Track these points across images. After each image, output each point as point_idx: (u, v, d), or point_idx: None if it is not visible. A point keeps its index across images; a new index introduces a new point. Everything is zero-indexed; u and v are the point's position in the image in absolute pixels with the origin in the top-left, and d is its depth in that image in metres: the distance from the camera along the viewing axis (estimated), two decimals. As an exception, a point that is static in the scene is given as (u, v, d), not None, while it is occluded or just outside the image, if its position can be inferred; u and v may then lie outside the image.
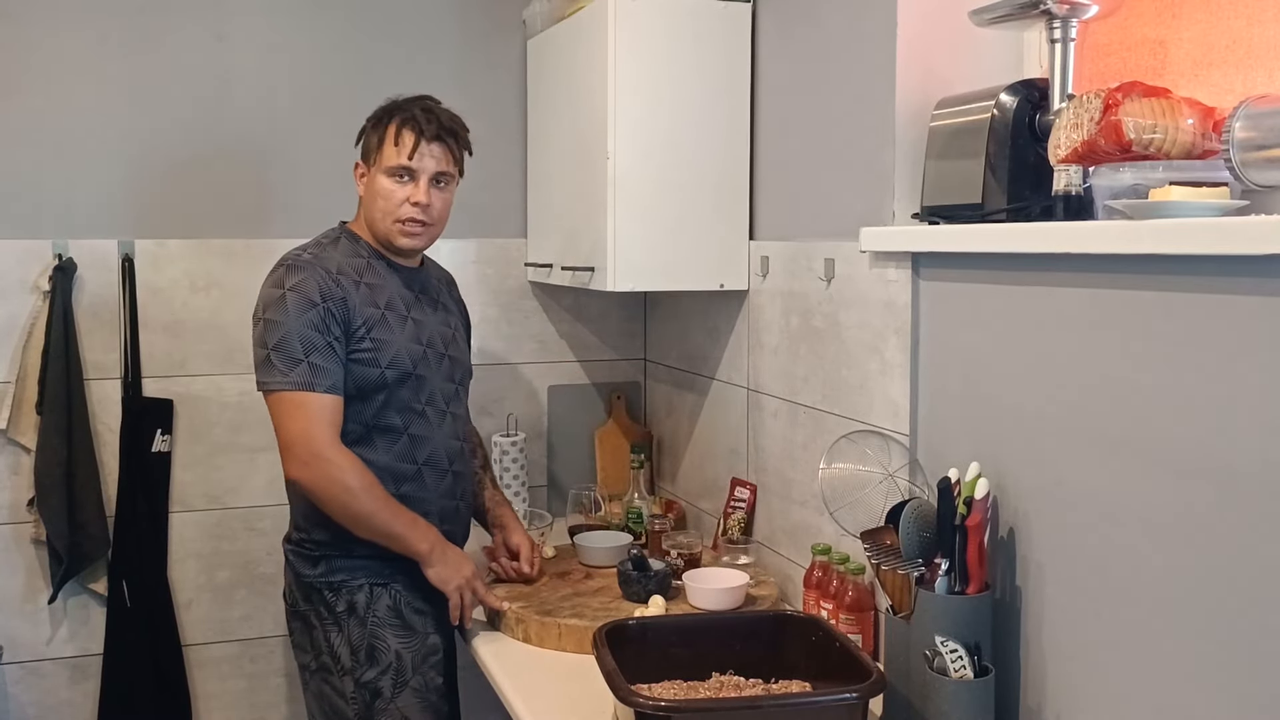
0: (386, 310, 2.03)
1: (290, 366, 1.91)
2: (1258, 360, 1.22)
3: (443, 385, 2.11)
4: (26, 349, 2.53)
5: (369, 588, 2.02)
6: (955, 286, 1.73)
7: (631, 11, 2.29)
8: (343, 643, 2.01)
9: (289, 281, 1.96)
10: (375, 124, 2.08)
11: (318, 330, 1.93)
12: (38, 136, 2.54)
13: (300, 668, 2.10)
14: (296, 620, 2.08)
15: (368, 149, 2.09)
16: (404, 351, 2.03)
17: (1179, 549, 1.33)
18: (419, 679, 2.02)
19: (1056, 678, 1.54)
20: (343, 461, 1.93)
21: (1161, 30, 1.64)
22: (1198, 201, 1.32)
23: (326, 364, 1.93)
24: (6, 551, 2.57)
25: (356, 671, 2.00)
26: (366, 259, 2.07)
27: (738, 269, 2.40)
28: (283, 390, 1.92)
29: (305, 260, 2.00)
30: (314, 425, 1.91)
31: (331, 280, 1.98)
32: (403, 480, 2.04)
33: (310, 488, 1.93)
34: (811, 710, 1.54)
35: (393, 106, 2.09)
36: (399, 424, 2.04)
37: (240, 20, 2.66)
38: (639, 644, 1.73)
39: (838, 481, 1.79)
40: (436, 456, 2.09)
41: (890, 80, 1.87)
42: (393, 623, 2.03)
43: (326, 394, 1.93)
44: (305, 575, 2.04)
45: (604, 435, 2.99)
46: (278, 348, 1.92)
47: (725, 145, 2.37)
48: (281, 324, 1.93)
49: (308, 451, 1.91)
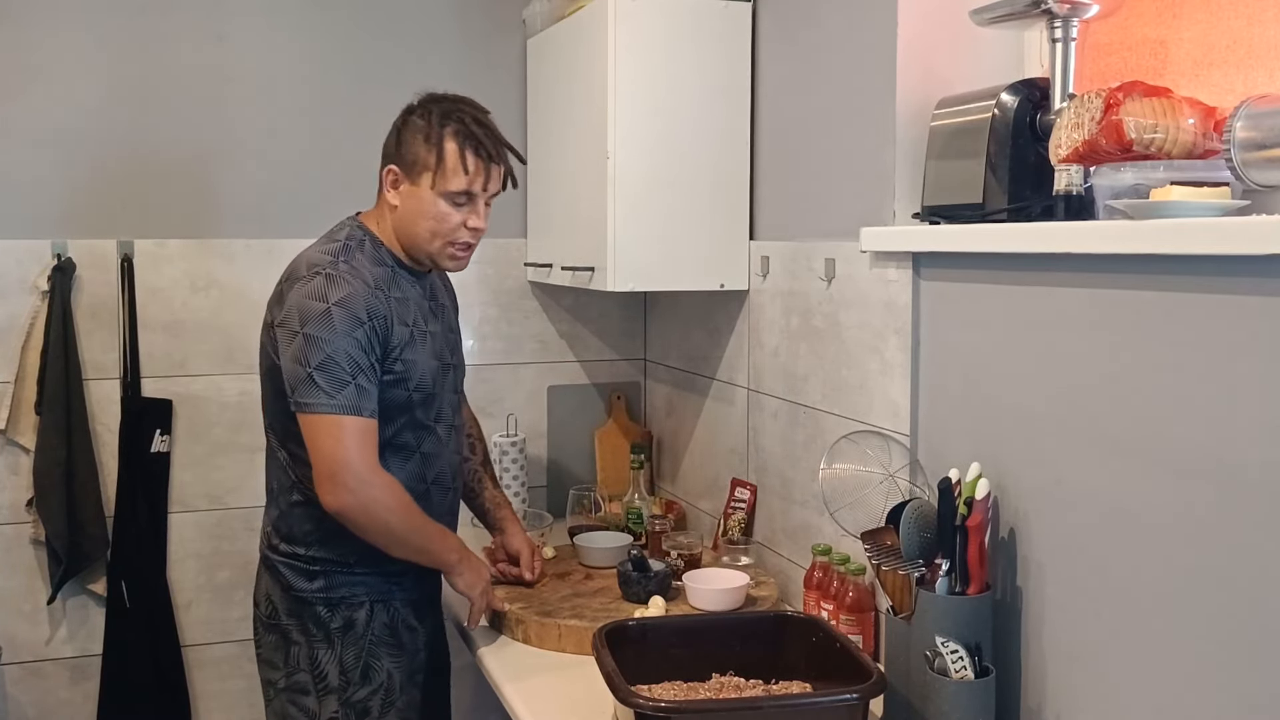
0: (414, 328, 1.94)
1: (337, 389, 1.80)
2: (1258, 360, 1.21)
3: (450, 398, 2.06)
4: (26, 349, 2.53)
5: (369, 605, 1.95)
6: (955, 286, 1.73)
7: (631, 11, 2.29)
8: (332, 661, 1.93)
9: (333, 295, 1.82)
10: (427, 137, 1.90)
11: (364, 350, 1.82)
12: (38, 136, 2.54)
13: (265, 683, 2.01)
14: (272, 633, 1.97)
15: (413, 160, 1.90)
16: (427, 372, 1.95)
17: (1179, 549, 1.32)
18: (404, 699, 1.98)
19: (1057, 678, 1.54)
20: (385, 484, 1.84)
21: (1162, 30, 1.64)
22: (1198, 201, 1.32)
23: (370, 386, 1.83)
24: (6, 552, 2.57)
25: (346, 691, 1.93)
26: (391, 268, 1.95)
27: (738, 269, 2.40)
28: (327, 413, 1.80)
29: (344, 272, 1.86)
30: (357, 451, 1.80)
31: (374, 296, 1.86)
32: (414, 499, 1.94)
33: (354, 516, 1.82)
34: (812, 711, 1.54)
35: (442, 115, 1.91)
36: (412, 443, 1.97)
37: (240, 20, 2.66)
38: (639, 645, 1.73)
39: (838, 482, 1.79)
40: (443, 475, 2.04)
41: (891, 80, 1.87)
42: (388, 641, 1.97)
43: (370, 419, 1.83)
44: (297, 589, 1.94)
45: (604, 435, 2.99)
46: (322, 367, 1.79)
47: (725, 145, 2.37)
48: (328, 341, 1.80)
49: (354, 479, 1.80)
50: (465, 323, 2.85)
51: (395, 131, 1.96)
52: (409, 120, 1.94)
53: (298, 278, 1.88)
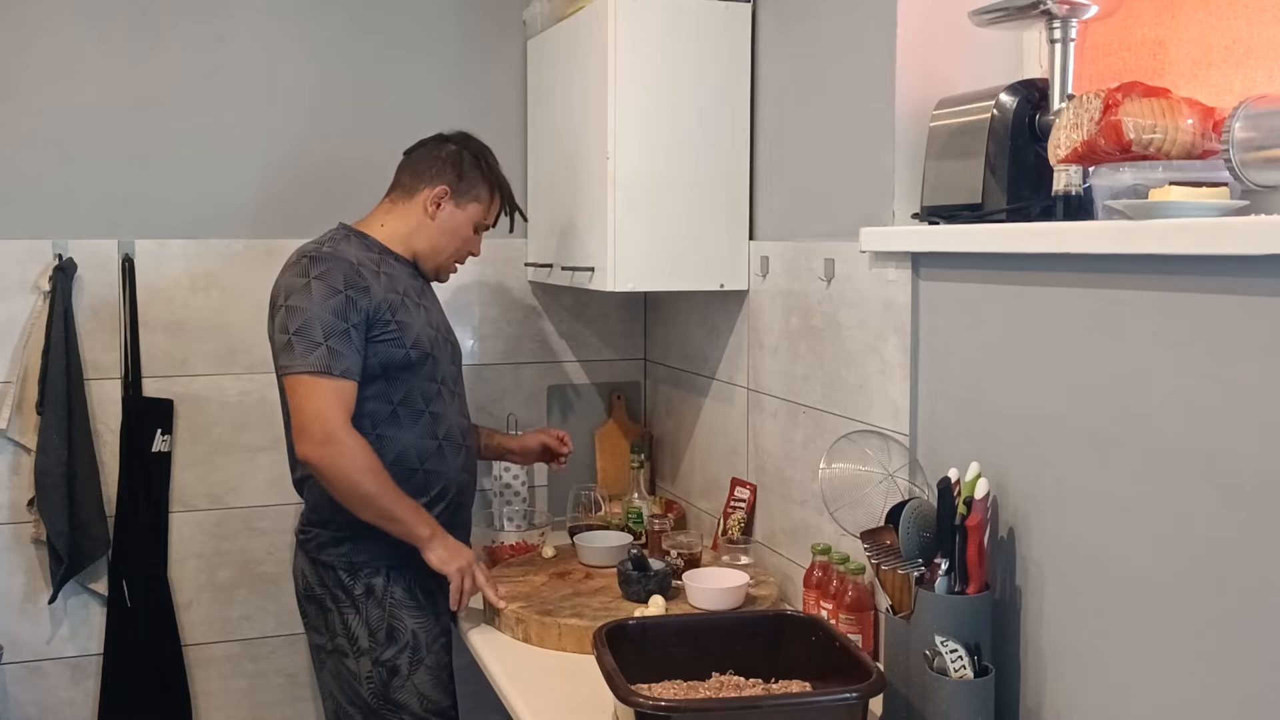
0: (404, 296, 2.13)
1: (309, 351, 1.98)
2: (1258, 360, 1.22)
3: (449, 367, 2.22)
4: (26, 349, 2.53)
5: (386, 571, 2.09)
6: (955, 286, 1.73)
7: (631, 11, 2.29)
8: (360, 624, 2.08)
9: (314, 271, 2.03)
10: (485, 177, 2.24)
11: (338, 316, 2.00)
12: (38, 136, 2.54)
13: (315, 648, 2.18)
14: (311, 604, 2.15)
15: (468, 191, 2.22)
16: (423, 334, 2.13)
17: (1179, 549, 1.33)
18: (432, 657, 2.12)
19: (1056, 678, 1.54)
20: (354, 444, 1.98)
21: (1161, 30, 1.64)
22: (1198, 201, 1.32)
23: (344, 349, 2.00)
24: (6, 551, 2.57)
25: (375, 651, 2.08)
26: (379, 254, 2.16)
27: (738, 269, 2.40)
28: (300, 373, 1.98)
29: (326, 252, 2.08)
30: (328, 408, 1.97)
31: (354, 270, 2.06)
32: (426, 456, 2.13)
33: (322, 467, 1.98)
34: (811, 710, 1.54)
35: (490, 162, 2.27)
36: (420, 402, 2.13)
37: (240, 20, 2.66)
38: (639, 644, 1.73)
39: (838, 481, 1.79)
40: (452, 432, 2.18)
41: (890, 80, 1.87)
42: (409, 604, 2.11)
43: (342, 378, 1.99)
44: (324, 557, 2.10)
45: (604, 435, 2.99)
46: (299, 332, 1.99)
47: (725, 145, 2.37)
48: (304, 309, 2.00)
49: (322, 432, 1.96)
50: (465, 323, 2.88)
51: (452, 159, 2.23)
52: (464, 155, 2.24)
53: (288, 265, 2.10)
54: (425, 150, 2.24)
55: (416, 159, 2.24)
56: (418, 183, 2.21)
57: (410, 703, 2.08)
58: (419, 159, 2.24)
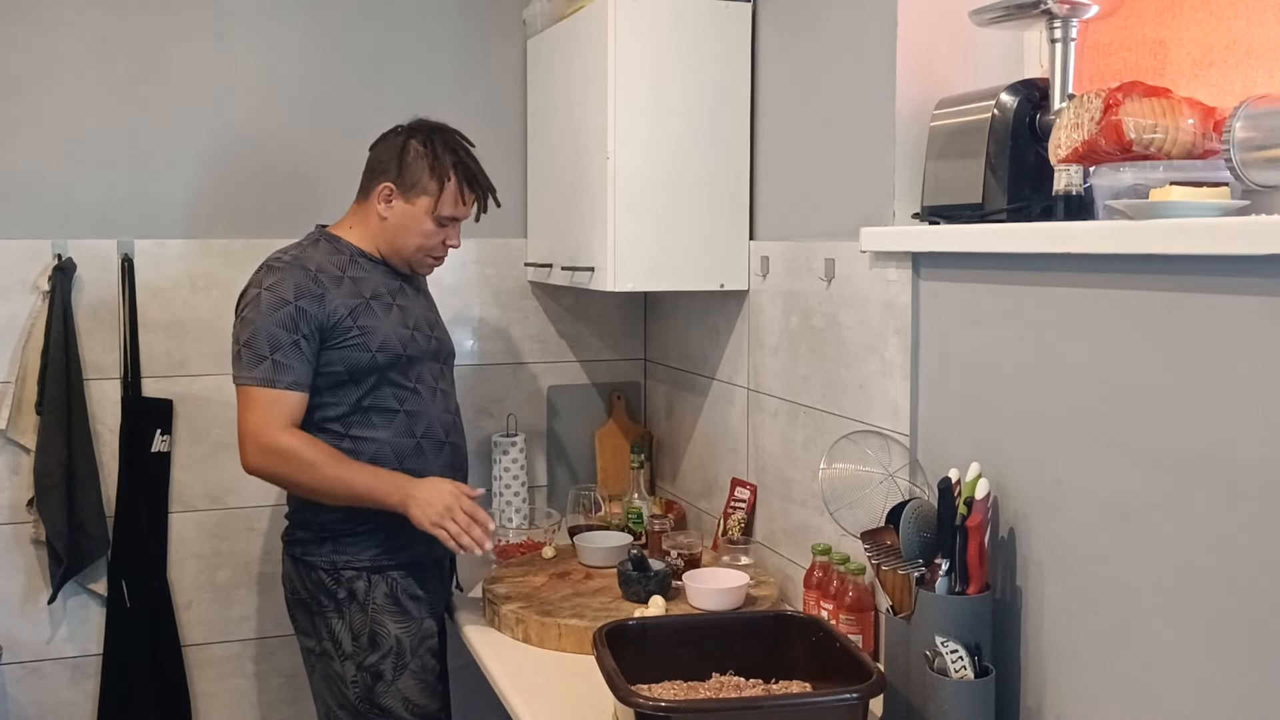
0: (372, 299, 2.10)
1: (254, 364, 1.99)
2: (1258, 360, 1.21)
3: (430, 365, 2.19)
4: (26, 349, 2.52)
5: (366, 576, 2.08)
6: (955, 286, 1.73)
7: (631, 11, 2.29)
8: (344, 629, 2.07)
9: (266, 282, 2.04)
10: (431, 166, 2.10)
11: (285, 328, 2.00)
12: (38, 136, 2.54)
13: (305, 651, 2.17)
14: (299, 607, 2.14)
15: (414, 183, 2.11)
16: (393, 336, 2.10)
17: (1178, 548, 1.33)
18: (417, 662, 2.10)
19: (1056, 678, 1.54)
20: (292, 443, 1.99)
21: (1161, 30, 1.64)
22: (1198, 201, 1.32)
23: (291, 361, 2.00)
24: (6, 551, 2.56)
25: (359, 656, 2.06)
26: (349, 256, 2.13)
27: (738, 269, 2.40)
28: (246, 384, 2.01)
29: (284, 261, 2.07)
30: (264, 420, 1.99)
31: (310, 279, 2.04)
32: (404, 455, 2.10)
33: (267, 475, 2.02)
34: (812, 711, 1.54)
35: (445, 147, 2.12)
36: (394, 403, 2.11)
37: (240, 20, 2.66)
38: (639, 644, 1.73)
39: (838, 481, 1.79)
40: (433, 429, 2.15)
41: (890, 80, 1.87)
42: (391, 609, 2.09)
43: (287, 390, 2.00)
44: (307, 558, 2.10)
45: (604, 435, 2.99)
46: (248, 344, 2.01)
47: (725, 145, 2.37)
48: (252, 322, 2.01)
49: (255, 445, 1.99)
50: (465, 323, 2.87)
51: (395, 152, 2.13)
52: (409, 145, 2.12)
53: (254, 273, 2.11)
54: (381, 144, 2.17)
55: (372, 155, 2.18)
56: (370, 180, 2.15)
57: (395, 707, 2.07)
58: (373, 155, 2.17)
